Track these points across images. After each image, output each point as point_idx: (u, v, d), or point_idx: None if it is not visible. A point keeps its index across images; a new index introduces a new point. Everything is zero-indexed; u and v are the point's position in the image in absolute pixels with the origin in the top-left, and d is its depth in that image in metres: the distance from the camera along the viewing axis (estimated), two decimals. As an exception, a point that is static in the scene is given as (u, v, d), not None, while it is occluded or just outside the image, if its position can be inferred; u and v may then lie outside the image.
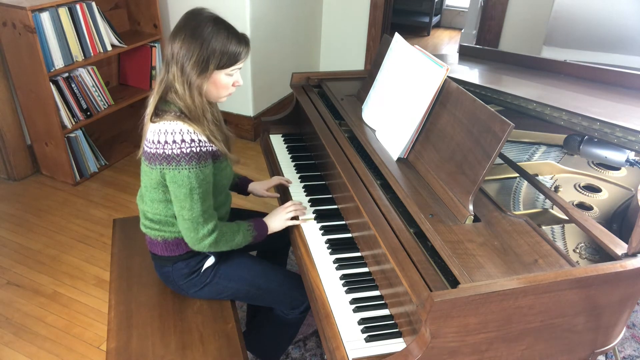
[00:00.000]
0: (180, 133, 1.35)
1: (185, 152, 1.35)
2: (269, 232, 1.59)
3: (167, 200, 1.47)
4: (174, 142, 1.35)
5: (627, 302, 1.25)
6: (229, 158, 1.51)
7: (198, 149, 1.36)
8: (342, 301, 1.36)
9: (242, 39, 1.41)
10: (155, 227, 1.53)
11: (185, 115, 1.38)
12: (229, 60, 1.38)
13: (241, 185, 1.83)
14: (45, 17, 2.64)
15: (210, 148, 1.40)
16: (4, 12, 2.61)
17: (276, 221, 1.60)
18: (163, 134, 1.36)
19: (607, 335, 1.29)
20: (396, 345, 1.23)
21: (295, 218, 1.63)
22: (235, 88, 1.47)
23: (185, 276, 1.55)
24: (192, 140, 1.36)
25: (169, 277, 1.58)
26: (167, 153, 1.36)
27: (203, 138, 1.38)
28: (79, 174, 3.05)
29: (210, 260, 1.57)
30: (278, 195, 1.83)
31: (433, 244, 1.25)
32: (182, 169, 1.35)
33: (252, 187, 1.83)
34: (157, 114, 1.39)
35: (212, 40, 1.35)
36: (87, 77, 2.95)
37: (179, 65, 1.36)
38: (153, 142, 1.38)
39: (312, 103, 2.01)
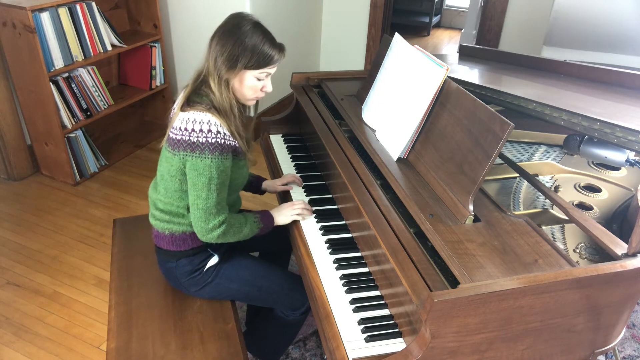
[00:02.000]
0: (208, 123, 1.40)
1: (210, 141, 1.39)
2: (275, 224, 1.62)
3: (182, 190, 1.49)
4: (201, 130, 1.40)
5: (627, 302, 1.25)
6: (248, 158, 1.55)
7: (222, 140, 1.41)
8: (342, 301, 1.36)
9: (276, 45, 1.47)
10: (165, 218, 1.54)
11: (216, 109, 1.43)
12: (257, 62, 1.44)
13: (255, 184, 1.86)
14: (45, 17, 2.64)
15: (233, 143, 1.45)
16: (4, 12, 2.61)
17: (282, 216, 1.63)
18: (191, 122, 1.41)
19: (607, 335, 1.29)
20: (396, 345, 1.23)
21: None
22: (263, 93, 1.54)
23: (187, 273, 1.56)
24: (218, 132, 1.40)
25: (171, 273, 1.58)
26: (192, 140, 1.40)
27: (228, 132, 1.42)
28: (79, 174, 3.05)
29: (214, 260, 1.57)
30: (292, 188, 1.84)
31: (433, 244, 1.25)
32: (205, 157, 1.39)
33: (265, 184, 1.87)
34: (189, 103, 1.45)
35: (246, 39, 1.42)
36: (87, 77, 2.95)
37: (213, 58, 1.43)
38: (180, 129, 1.42)
39: (312, 103, 2.01)
